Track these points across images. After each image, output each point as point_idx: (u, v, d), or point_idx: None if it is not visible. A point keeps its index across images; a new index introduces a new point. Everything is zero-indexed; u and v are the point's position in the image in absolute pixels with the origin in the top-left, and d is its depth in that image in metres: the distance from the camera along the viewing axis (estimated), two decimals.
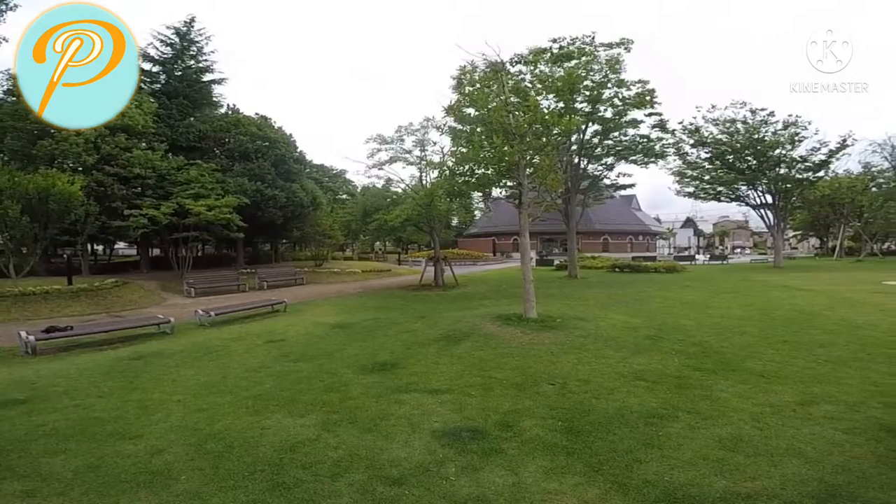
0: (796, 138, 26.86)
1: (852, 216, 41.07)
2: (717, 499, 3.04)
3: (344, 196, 43.14)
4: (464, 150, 9.47)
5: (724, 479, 3.28)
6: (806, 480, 3.23)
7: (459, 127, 10.89)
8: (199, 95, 24.13)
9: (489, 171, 9.40)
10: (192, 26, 22.96)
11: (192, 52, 23.45)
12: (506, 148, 8.32)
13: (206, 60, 24.00)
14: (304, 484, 3.39)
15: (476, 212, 34.27)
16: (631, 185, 25.48)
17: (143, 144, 19.54)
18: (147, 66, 22.40)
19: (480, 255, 43.70)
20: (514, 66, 13.54)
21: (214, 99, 25.87)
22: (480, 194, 13.71)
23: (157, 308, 14.32)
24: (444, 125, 13.23)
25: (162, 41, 22.50)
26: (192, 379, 6.41)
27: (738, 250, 76.36)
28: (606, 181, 24.43)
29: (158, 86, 22.67)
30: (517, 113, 8.83)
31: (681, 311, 11.03)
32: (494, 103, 8.69)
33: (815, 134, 26.95)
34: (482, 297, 14.99)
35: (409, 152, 18.54)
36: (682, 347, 7.41)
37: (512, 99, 8.98)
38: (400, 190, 20.52)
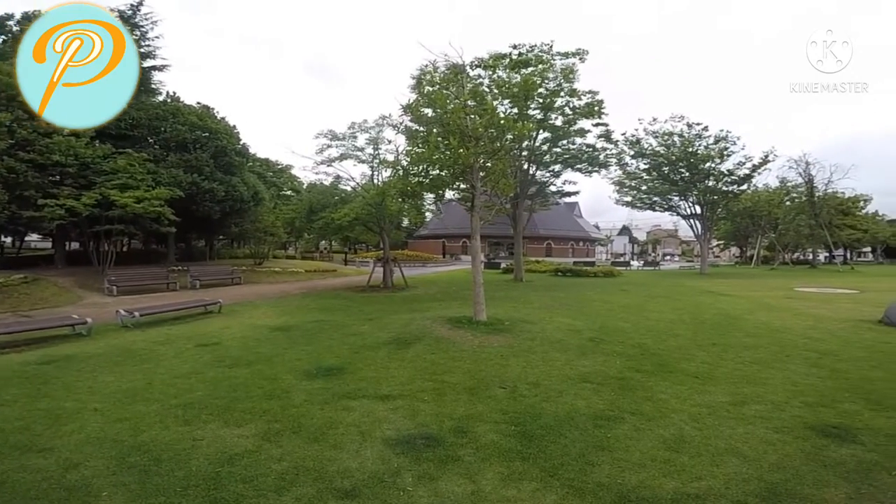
0: (725, 152, 29.11)
1: (768, 228, 45.25)
2: (669, 500, 3.13)
3: (289, 192, 41.55)
4: (419, 150, 9.34)
5: (673, 480, 3.39)
6: (747, 479, 3.40)
7: (416, 127, 10.74)
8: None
9: (443, 173, 9.33)
10: (139, 10, 21.33)
11: (134, 37, 21.69)
12: (461, 150, 8.29)
13: (148, 46, 22.38)
14: (245, 499, 3.13)
15: (427, 213, 34.18)
16: (575, 193, 26.55)
17: (67, 130, 17.76)
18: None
19: (430, 257, 43.66)
20: (473, 70, 13.58)
21: (153, 86, 24.10)
22: (433, 196, 13.58)
23: (72, 307, 12.98)
24: (401, 124, 13.00)
25: None
26: (111, 385, 5.80)
27: (669, 257, 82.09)
28: (553, 188, 25.21)
29: None
30: (473, 116, 8.84)
31: (619, 315, 11.52)
32: (452, 105, 8.64)
33: (742, 149, 29.33)
34: (432, 299, 14.89)
35: (362, 150, 18.06)
36: (623, 349, 7.71)
37: (469, 102, 8.97)
38: (349, 188, 19.98)
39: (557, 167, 23.21)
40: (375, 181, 18.50)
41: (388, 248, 19.90)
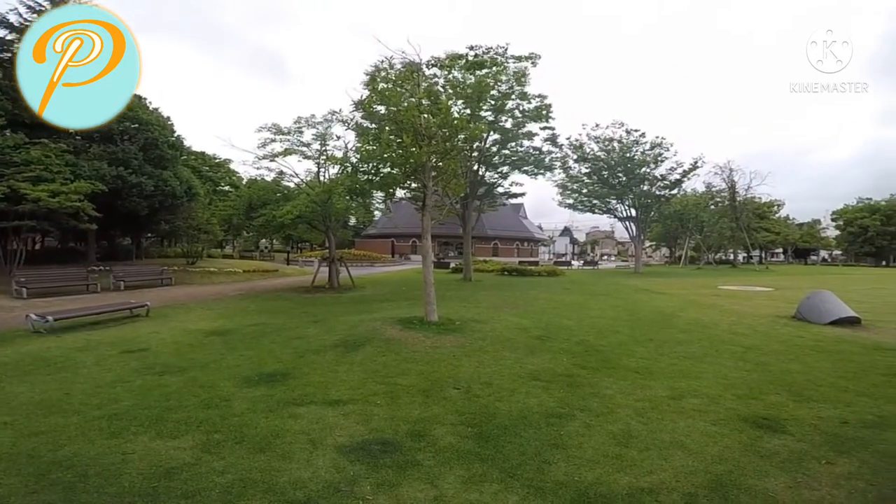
0: (659, 158, 30.95)
1: (695, 230, 48.71)
2: (625, 495, 3.20)
3: (226, 188, 39.38)
4: (370, 147, 9.11)
5: (626, 476, 3.48)
6: (694, 472, 3.55)
7: (367, 124, 10.47)
8: None
9: (395, 171, 9.17)
10: None
11: None
12: (414, 149, 8.18)
13: None
14: None
15: (376, 212, 33.63)
16: (521, 194, 27.18)
17: None
18: (1, 32, 18.22)
19: (378, 257, 43.06)
20: (429, 69, 13.41)
21: None
22: (383, 194, 13.29)
23: None
24: (352, 120, 12.60)
25: (29, 7, 18.38)
26: (22, 397, 5.20)
27: (606, 257, 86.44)
28: (500, 189, 25.66)
29: (8, 55, 18.47)
30: (427, 115, 8.75)
31: (563, 312, 11.87)
32: (407, 103, 8.50)
33: (675, 155, 31.30)
34: (381, 299, 14.63)
35: (308, 145, 17.35)
36: (568, 346, 7.93)
37: (424, 101, 8.87)
38: (293, 185, 19.19)
39: (506, 169, 23.63)
40: (322, 178, 17.91)
41: (335, 247, 19.35)
